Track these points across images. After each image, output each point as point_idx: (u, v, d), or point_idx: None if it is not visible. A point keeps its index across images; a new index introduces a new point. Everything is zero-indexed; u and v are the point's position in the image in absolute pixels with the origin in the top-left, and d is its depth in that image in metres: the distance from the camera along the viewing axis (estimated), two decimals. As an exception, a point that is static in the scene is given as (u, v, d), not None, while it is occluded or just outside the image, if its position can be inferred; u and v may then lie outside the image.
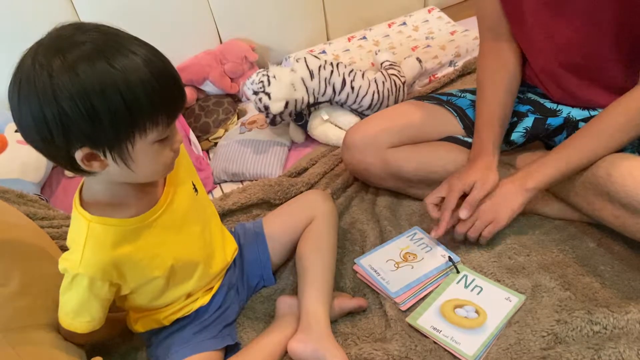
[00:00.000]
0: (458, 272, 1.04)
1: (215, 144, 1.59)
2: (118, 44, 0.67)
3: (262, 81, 1.40)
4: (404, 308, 1.00)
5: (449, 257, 1.07)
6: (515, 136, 1.16)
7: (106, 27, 0.69)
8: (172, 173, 0.86)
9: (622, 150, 1.00)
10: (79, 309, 0.83)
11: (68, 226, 0.85)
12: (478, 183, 1.03)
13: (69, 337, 0.89)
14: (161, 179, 0.87)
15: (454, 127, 1.20)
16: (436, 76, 1.65)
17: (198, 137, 1.58)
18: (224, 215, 1.26)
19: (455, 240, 1.09)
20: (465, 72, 1.62)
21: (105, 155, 0.71)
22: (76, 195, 0.81)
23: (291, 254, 1.11)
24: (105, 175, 0.75)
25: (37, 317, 0.87)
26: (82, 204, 0.80)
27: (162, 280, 0.88)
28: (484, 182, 1.03)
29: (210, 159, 1.56)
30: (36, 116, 0.66)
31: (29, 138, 0.70)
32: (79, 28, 0.68)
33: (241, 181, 1.47)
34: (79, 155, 0.70)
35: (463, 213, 1.03)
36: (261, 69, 1.44)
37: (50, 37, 0.67)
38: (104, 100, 0.66)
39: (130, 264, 0.83)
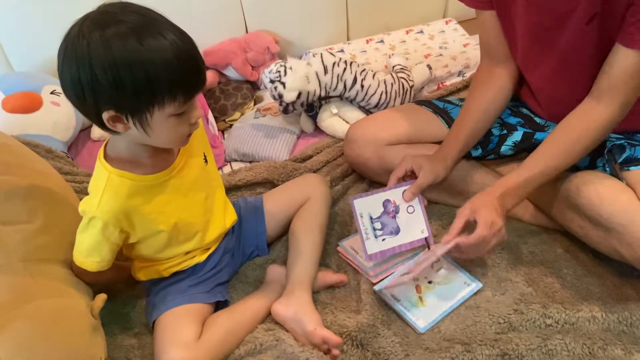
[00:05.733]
0: (429, 248, 1.13)
1: (231, 125, 1.70)
2: (152, 26, 0.78)
3: (279, 71, 1.50)
4: (375, 281, 1.10)
5: (425, 238, 1.14)
6: (505, 149, 1.26)
7: (147, 10, 0.80)
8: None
9: (593, 166, 1.09)
10: (91, 249, 0.94)
11: (89, 182, 0.96)
12: (425, 170, 1.14)
13: (80, 275, 1.01)
14: (176, 148, 0.98)
15: (445, 134, 1.29)
16: (444, 84, 1.74)
17: (215, 118, 1.69)
18: (230, 189, 1.36)
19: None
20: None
21: (127, 120, 0.82)
22: (101, 149, 0.93)
23: (286, 230, 1.21)
24: (128, 136, 0.86)
25: (55, 254, 0.99)
26: (106, 157, 0.92)
27: (165, 235, 0.99)
28: (431, 171, 1.15)
29: (224, 139, 1.67)
30: (74, 77, 0.78)
31: (67, 94, 0.82)
32: (124, 8, 0.79)
33: (250, 161, 1.58)
34: (105, 115, 0.81)
35: (407, 196, 1.16)
36: (279, 60, 1.55)
37: (98, 11, 0.79)
38: (130, 73, 0.76)
39: (139, 215, 0.94)
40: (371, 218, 1.16)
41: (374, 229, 1.15)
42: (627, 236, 0.97)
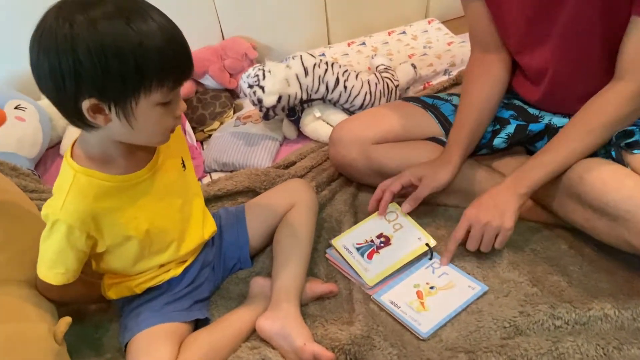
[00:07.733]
0: (431, 258, 1.07)
1: (210, 135, 1.63)
2: (138, 8, 0.73)
3: (257, 75, 1.43)
4: (372, 293, 1.02)
5: (426, 243, 1.09)
6: (498, 142, 1.19)
7: None
8: (163, 145, 0.89)
9: (595, 154, 1.03)
10: (55, 259, 0.85)
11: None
12: (426, 179, 1.10)
13: (45, 291, 0.92)
14: (153, 148, 0.90)
15: (436, 130, 1.23)
16: (430, 83, 1.68)
17: (193, 128, 1.61)
18: (210, 200, 1.28)
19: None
20: (459, 81, 1.64)
21: (110, 110, 0.75)
22: (69, 147, 0.85)
23: (270, 240, 1.13)
24: (106, 131, 0.79)
25: (13, 273, 0.91)
26: (73, 155, 0.84)
27: (136, 242, 0.90)
28: (432, 180, 1.10)
29: (203, 149, 1.59)
30: (52, 66, 0.71)
31: (43, 86, 0.74)
32: None
33: (231, 171, 1.50)
34: (85, 105, 0.73)
35: (405, 208, 1.13)
36: (258, 64, 1.48)
37: None
38: (117, 57, 0.70)
39: (108, 219, 0.86)
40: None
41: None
42: (636, 223, 0.90)
